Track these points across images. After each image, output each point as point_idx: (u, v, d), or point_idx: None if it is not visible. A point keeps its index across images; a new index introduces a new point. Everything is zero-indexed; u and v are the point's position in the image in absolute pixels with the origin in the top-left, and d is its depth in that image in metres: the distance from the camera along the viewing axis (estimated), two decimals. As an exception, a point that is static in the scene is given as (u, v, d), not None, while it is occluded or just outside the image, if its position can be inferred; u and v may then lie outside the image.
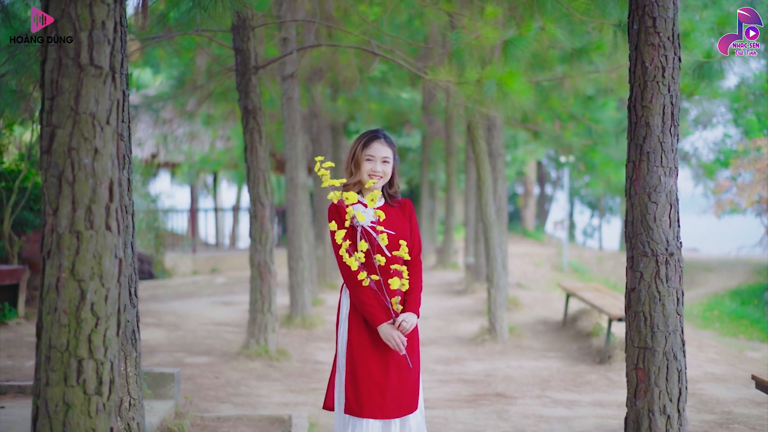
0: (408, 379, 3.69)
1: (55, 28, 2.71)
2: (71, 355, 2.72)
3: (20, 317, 9.72)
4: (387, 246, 3.68)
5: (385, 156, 3.74)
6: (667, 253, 3.75)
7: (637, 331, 3.79)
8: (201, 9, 5.63)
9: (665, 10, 3.77)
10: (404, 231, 3.77)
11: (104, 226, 2.75)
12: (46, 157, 2.73)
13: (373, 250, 3.68)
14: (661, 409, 3.74)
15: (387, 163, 3.75)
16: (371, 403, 3.61)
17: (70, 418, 2.72)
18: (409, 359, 3.67)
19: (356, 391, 3.63)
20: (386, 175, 3.76)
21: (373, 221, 3.71)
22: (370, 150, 3.73)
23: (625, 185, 3.86)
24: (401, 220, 3.80)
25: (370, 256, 3.68)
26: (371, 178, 3.73)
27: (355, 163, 3.77)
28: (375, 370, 3.64)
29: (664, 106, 3.77)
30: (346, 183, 3.79)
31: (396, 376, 3.66)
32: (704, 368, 7.81)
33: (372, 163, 3.73)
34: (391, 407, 3.63)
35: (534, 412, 6.41)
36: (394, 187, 3.85)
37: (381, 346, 3.65)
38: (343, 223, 3.69)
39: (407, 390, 3.68)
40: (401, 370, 3.68)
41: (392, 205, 3.83)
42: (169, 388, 5.81)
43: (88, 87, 2.71)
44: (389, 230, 3.72)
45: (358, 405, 3.62)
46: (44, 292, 2.74)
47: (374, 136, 3.76)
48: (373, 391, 3.62)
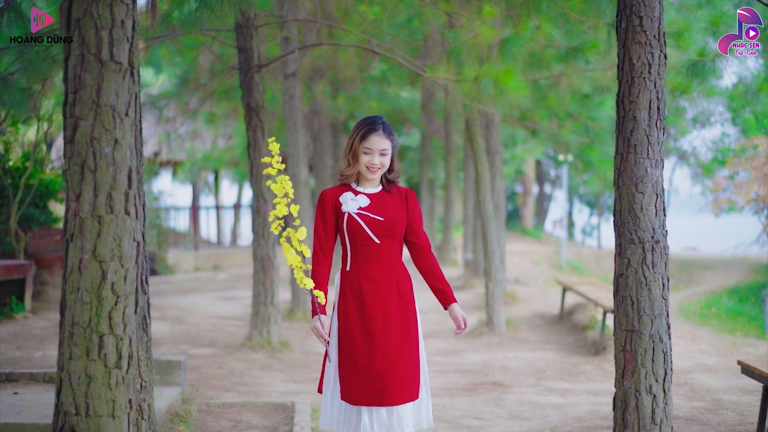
0: (400, 368, 3.68)
1: (78, 26, 2.91)
2: (93, 331, 2.92)
3: (27, 311, 9.90)
4: (375, 233, 3.70)
5: (383, 148, 3.73)
6: (653, 241, 3.95)
7: (625, 314, 3.99)
8: (207, 8, 5.82)
9: (651, 10, 3.97)
10: (395, 219, 3.76)
11: (123, 211, 2.95)
12: (69, 147, 2.93)
13: (360, 237, 3.71)
14: (647, 388, 3.94)
15: (385, 155, 3.74)
16: (355, 388, 3.64)
17: (91, 390, 2.92)
18: (330, 354, 3.72)
19: (344, 376, 3.68)
20: (384, 166, 3.76)
21: (362, 207, 3.73)
22: (368, 143, 3.71)
23: (614, 176, 4.06)
24: (395, 207, 3.79)
25: (357, 242, 3.72)
26: (370, 171, 3.74)
27: (353, 155, 3.76)
28: (359, 356, 3.67)
29: (650, 101, 3.97)
30: (344, 173, 3.79)
31: (382, 364, 3.65)
32: (696, 359, 8.00)
33: (370, 156, 3.72)
34: (375, 394, 3.64)
35: (529, 399, 6.62)
36: (393, 173, 3.84)
37: (367, 333, 3.69)
38: (327, 209, 3.74)
39: (396, 379, 3.66)
40: (389, 359, 3.67)
41: (389, 191, 3.83)
42: (176, 375, 6.00)
43: (108, 81, 2.91)
44: (378, 216, 3.73)
45: (346, 390, 3.67)
46: (67, 273, 2.94)
47: (372, 128, 3.73)
48: (357, 376, 3.65)
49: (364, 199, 3.77)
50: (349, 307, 3.74)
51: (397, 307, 3.75)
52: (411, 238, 3.87)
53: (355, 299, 3.74)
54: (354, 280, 3.75)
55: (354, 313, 3.73)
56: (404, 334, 3.74)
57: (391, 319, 3.73)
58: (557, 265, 24.02)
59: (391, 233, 3.76)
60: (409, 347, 3.74)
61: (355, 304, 3.74)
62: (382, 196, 3.81)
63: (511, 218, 33.35)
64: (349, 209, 3.73)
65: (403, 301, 3.78)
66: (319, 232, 3.78)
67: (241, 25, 8.18)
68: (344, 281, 3.79)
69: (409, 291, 3.82)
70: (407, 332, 3.75)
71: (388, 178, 3.85)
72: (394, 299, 3.75)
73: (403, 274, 3.83)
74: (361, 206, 3.74)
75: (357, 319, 3.72)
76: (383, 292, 3.74)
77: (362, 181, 3.82)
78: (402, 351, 3.71)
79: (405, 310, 3.78)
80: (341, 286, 3.79)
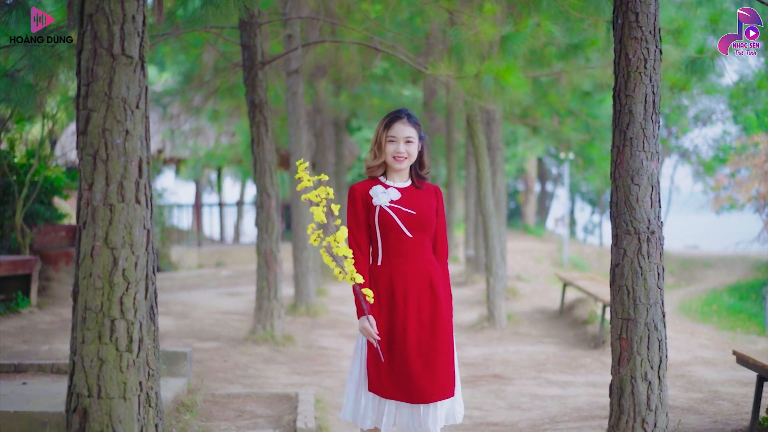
0: (433, 366, 3.63)
1: (90, 21, 3.01)
2: (105, 315, 3.03)
3: (32, 306, 10.01)
4: (407, 227, 3.64)
5: (408, 136, 3.67)
6: (648, 231, 4.05)
7: (621, 303, 4.09)
8: (212, 6, 5.92)
9: (647, 6, 4.07)
10: (427, 214, 3.70)
11: (134, 199, 3.05)
12: (82, 138, 3.03)
13: (392, 230, 3.64)
14: (642, 375, 4.04)
15: (411, 143, 3.68)
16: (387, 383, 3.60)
17: (103, 372, 3.02)
18: (380, 352, 3.61)
19: (377, 371, 3.62)
20: (411, 155, 3.70)
21: (393, 200, 3.67)
22: (392, 131, 3.67)
23: (611, 169, 4.16)
24: (427, 202, 3.73)
25: (389, 236, 3.65)
26: (396, 160, 3.68)
27: (378, 145, 3.70)
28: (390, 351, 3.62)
29: (646, 95, 4.07)
30: (370, 165, 3.74)
31: (413, 361, 3.61)
32: (695, 352, 8.11)
33: (395, 144, 3.67)
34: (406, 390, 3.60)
35: (529, 391, 6.72)
36: (424, 169, 3.79)
37: (398, 329, 3.63)
38: (358, 204, 3.68)
39: (428, 376, 3.61)
40: (421, 356, 3.62)
41: (419, 187, 3.77)
42: (182, 366, 6.11)
43: (120, 74, 3.02)
44: (410, 210, 3.66)
45: (378, 384, 3.62)
46: (80, 259, 3.05)
47: (396, 117, 3.70)
48: (390, 372, 3.60)
49: (395, 192, 3.71)
50: (381, 302, 3.68)
51: (429, 302, 3.69)
52: (435, 240, 3.82)
53: (386, 294, 3.68)
54: (385, 275, 3.69)
55: (385, 309, 3.68)
56: (435, 330, 3.67)
57: (423, 315, 3.66)
58: (559, 262, 24.11)
59: (423, 227, 3.70)
60: (442, 343, 3.68)
61: (386, 300, 3.68)
62: (413, 191, 3.75)
63: (513, 216, 33.43)
64: (381, 202, 3.67)
65: (435, 296, 3.70)
66: (353, 228, 3.71)
67: (245, 22, 8.28)
68: (374, 276, 3.72)
69: (441, 286, 3.74)
70: (439, 328, 3.68)
71: (419, 173, 3.80)
72: (426, 294, 3.69)
73: (435, 268, 3.75)
74: (392, 199, 3.68)
75: (387, 315, 3.67)
76: (415, 287, 3.67)
77: (390, 174, 3.76)
78: (434, 347, 3.65)
79: (437, 305, 3.70)
80: (371, 282, 3.71)
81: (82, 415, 3.01)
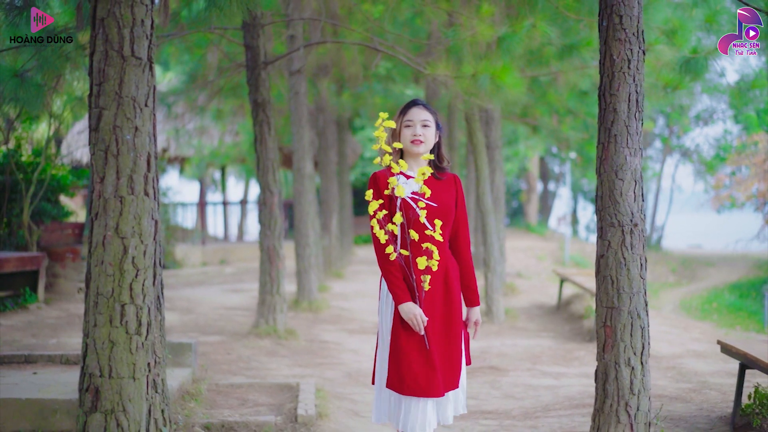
0: (444, 360, 3.64)
1: (102, 25, 3.22)
2: (115, 300, 3.24)
3: (40, 302, 10.20)
4: (428, 219, 3.60)
5: (425, 119, 3.65)
6: (631, 224, 4.25)
7: (605, 292, 4.28)
8: (216, 8, 6.11)
9: (631, 9, 4.26)
10: (448, 205, 3.68)
11: (143, 192, 3.26)
12: (94, 134, 3.24)
13: (409, 224, 3.58)
14: (626, 361, 4.23)
15: (427, 127, 3.66)
16: (415, 380, 3.54)
17: (114, 354, 3.23)
18: (427, 340, 3.57)
19: (398, 369, 3.57)
20: (428, 139, 3.67)
21: (415, 192, 3.62)
22: (408, 115, 3.66)
23: (596, 164, 4.35)
24: (447, 194, 3.71)
25: (406, 230, 3.59)
26: (413, 144, 3.63)
27: (396, 134, 3.69)
28: (416, 348, 3.58)
29: (629, 94, 4.26)
30: (390, 154, 3.68)
31: (438, 354, 3.61)
32: (687, 346, 8.29)
33: (412, 128, 3.64)
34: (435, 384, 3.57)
35: (524, 382, 6.92)
36: (443, 162, 3.78)
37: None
38: (381, 192, 3.61)
39: (440, 371, 3.60)
40: (443, 349, 3.64)
41: (439, 178, 3.74)
42: (187, 356, 6.31)
43: (129, 75, 3.22)
44: (432, 202, 3.62)
45: (400, 382, 3.56)
46: (92, 248, 3.25)
47: (412, 103, 3.71)
48: (415, 368, 3.55)
49: (414, 184, 3.65)
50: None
51: (441, 296, 3.68)
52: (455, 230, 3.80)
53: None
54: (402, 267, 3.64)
55: None
56: (448, 324, 3.68)
57: (436, 309, 3.65)
58: (561, 261, 24.28)
59: (444, 219, 3.66)
60: (453, 337, 3.70)
61: None
62: (434, 182, 3.71)
63: (515, 215, 33.60)
64: (403, 194, 3.57)
65: (448, 290, 3.70)
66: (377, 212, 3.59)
67: (248, 23, 8.48)
68: None
69: (455, 280, 3.73)
70: (451, 322, 3.69)
71: (439, 165, 3.78)
72: (439, 288, 3.67)
73: (452, 262, 3.74)
74: (415, 191, 3.63)
75: None
76: (431, 280, 3.63)
77: (410, 163, 3.72)
78: (447, 342, 3.67)
79: (450, 300, 3.70)
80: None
81: (94, 393, 3.22)
